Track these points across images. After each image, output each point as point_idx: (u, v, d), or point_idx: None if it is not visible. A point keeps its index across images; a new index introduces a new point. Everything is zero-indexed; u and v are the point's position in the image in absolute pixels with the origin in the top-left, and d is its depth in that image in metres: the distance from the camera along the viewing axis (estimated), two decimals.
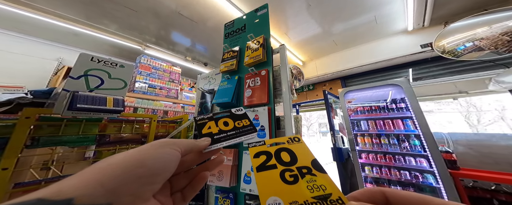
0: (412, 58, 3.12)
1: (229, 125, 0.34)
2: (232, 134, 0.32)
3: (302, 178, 0.25)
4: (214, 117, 0.35)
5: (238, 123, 0.35)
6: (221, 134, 0.32)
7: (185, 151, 0.25)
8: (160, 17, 2.56)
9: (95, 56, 0.78)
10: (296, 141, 0.32)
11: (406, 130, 1.99)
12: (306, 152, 0.30)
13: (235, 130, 0.33)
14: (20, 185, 0.67)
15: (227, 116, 0.36)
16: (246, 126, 0.35)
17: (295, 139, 0.33)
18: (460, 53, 1.86)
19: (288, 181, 0.25)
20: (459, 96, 2.83)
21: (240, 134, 0.33)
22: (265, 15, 1.12)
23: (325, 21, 2.79)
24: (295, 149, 0.31)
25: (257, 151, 0.31)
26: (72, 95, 0.64)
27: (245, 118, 0.36)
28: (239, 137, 0.32)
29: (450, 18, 2.54)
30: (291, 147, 0.31)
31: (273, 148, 0.31)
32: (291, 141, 0.32)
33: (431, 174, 1.79)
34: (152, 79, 2.92)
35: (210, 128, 0.32)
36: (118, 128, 0.99)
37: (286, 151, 0.30)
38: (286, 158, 0.29)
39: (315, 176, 0.25)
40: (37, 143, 0.70)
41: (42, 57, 2.86)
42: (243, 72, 1.07)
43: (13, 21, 2.42)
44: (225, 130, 0.33)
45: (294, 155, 0.29)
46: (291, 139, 0.33)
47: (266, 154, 0.30)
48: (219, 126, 0.33)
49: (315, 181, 0.24)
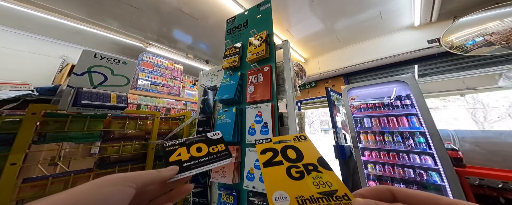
0: (418, 54, 3.04)
1: (202, 150, 0.32)
2: (204, 161, 0.31)
3: (308, 174, 0.25)
4: (187, 142, 0.33)
5: (212, 148, 0.33)
6: (192, 161, 0.30)
7: (144, 184, 0.23)
8: (161, 14, 2.55)
9: (98, 53, 0.78)
10: (302, 139, 0.33)
11: (411, 127, 1.96)
12: (312, 150, 0.30)
13: (208, 156, 0.32)
14: (28, 180, 0.68)
15: (201, 140, 0.34)
16: (221, 151, 0.33)
17: (301, 137, 0.33)
18: (470, 48, 1.80)
19: (294, 177, 0.25)
20: (466, 92, 2.76)
21: (213, 160, 0.32)
22: (268, 10, 1.10)
23: (328, 18, 2.73)
24: (301, 146, 0.31)
25: (263, 147, 0.31)
26: (76, 91, 0.65)
27: (220, 143, 0.35)
28: (212, 163, 0.31)
29: (460, 13, 2.45)
30: (297, 144, 0.31)
31: (279, 145, 0.31)
32: (297, 139, 0.33)
33: (436, 172, 1.77)
34: (154, 77, 2.93)
35: (180, 155, 0.31)
36: (122, 124, 1.00)
37: (292, 148, 0.30)
38: (292, 155, 0.29)
39: (321, 173, 0.25)
40: (44, 139, 0.71)
41: (47, 55, 2.89)
42: (245, 68, 1.06)
43: (19, 20, 2.45)
44: (197, 156, 0.31)
45: (300, 152, 0.30)
46: (297, 137, 0.33)
47: (273, 150, 0.30)
48: (190, 152, 0.31)
49: (321, 178, 0.25)
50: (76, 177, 0.79)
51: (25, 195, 0.66)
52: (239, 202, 0.83)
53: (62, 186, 0.74)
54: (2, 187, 0.59)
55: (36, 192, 0.68)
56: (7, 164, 0.60)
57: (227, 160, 0.33)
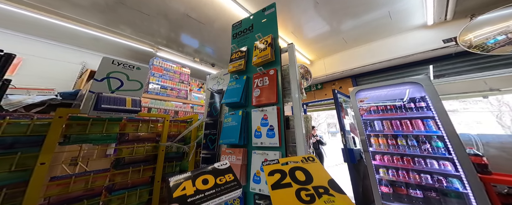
0: (432, 54, 2.89)
1: (209, 182, 0.31)
2: (211, 194, 0.29)
3: (319, 197, 0.24)
4: (192, 175, 0.31)
5: (220, 179, 0.31)
6: (197, 195, 0.28)
7: None
8: (170, 20, 2.68)
9: (116, 60, 0.84)
10: (311, 160, 0.32)
11: (427, 131, 1.85)
12: (322, 172, 0.29)
13: (215, 188, 0.30)
14: (55, 178, 0.74)
15: (208, 171, 0.33)
16: (229, 181, 0.31)
17: (309, 158, 0.32)
18: (491, 47, 1.68)
19: (304, 201, 0.24)
20: (489, 94, 2.56)
21: (221, 192, 0.29)
22: (273, 14, 1.12)
23: (334, 19, 2.70)
24: (310, 168, 0.30)
25: (271, 169, 0.30)
26: (97, 96, 0.70)
27: (228, 173, 0.33)
28: (219, 196, 0.29)
29: (477, 11, 2.30)
30: (306, 166, 0.31)
31: (288, 167, 0.30)
32: (305, 160, 0.32)
33: (457, 179, 1.65)
34: (163, 81, 3.06)
35: (185, 189, 0.29)
36: (136, 127, 1.05)
37: (301, 170, 0.30)
38: (301, 177, 0.28)
39: (333, 197, 0.25)
40: (68, 140, 0.77)
41: (69, 61, 3.14)
42: (251, 72, 1.08)
43: (45, 29, 2.71)
44: (203, 189, 0.29)
45: (309, 174, 0.29)
46: (305, 158, 0.32)
47: (281, 172, 0.29)
48: (196, 185, 0.29)
49: (334, 202, 0.24)
50: (96, 176, 0.85)
51: (52, 193, 0.72)
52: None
53: (83, 184, 0.80)
54: (33, 185, 0.64)
55: (61, 190, 0.74)
56: (37, 163, 0.66)
57: (237, 191, 0.30)
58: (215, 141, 1.11)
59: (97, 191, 0.86)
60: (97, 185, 0.85)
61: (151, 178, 1.08)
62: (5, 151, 0.64)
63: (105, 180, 0.88)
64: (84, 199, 0.80)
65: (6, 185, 0.63)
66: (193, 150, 1.28)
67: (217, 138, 1.10)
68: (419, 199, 1.80)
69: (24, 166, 0.66)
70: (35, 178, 0.65)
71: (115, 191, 0.90)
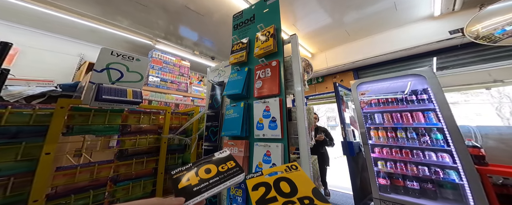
0: (437, 46, 2.82)
1: (211, 171, 0.31)
2: (215, 181, 0.29)
3: None
4: (194, 167, 0.32)
5: (222, 167, 0.32)
6: (202, 183, 0.29)
7: None
8: (168, 11, 2.59)
9: (115, 51, 0.82)
10: (294, 169, 0.31)
11: (427, 123, 1.86)
12: (306, 181, 0.29)
13: (218, 176, 0.30)
14: (61, 169, 0.76)
15: (209, 161, 0.33)
16: (231, 168, 0.32)
17: (292, 166, 0.32)
18: (498, 38, 1.64)
19: None
20: (493, 85, 2.54)
21: (225, 178, 0.30)
22: (275, 3, 1.07)
23: (336, 10, 2.61)
24: (294, 178, 0.30)
25: (255, 182, 0.30)
26: (97, 87, 0.69)
27: (229, 160, 0.33)
28: (223, 182, 0.29)
29: (487, 0, 2.22)
30: (290, 175, 0.30)
31: (272, 178, 0.30)
32: (289, 169, 0.31)
33: (454, 170, 1.68)
34: (163, 73, 3.03)
35: (189, 180, 0.29)
36: (138, 118, 1.06)
37: (285, 180, 0.29)
38: (286, 189, 0.28)
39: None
40: (72, 131, 0.78)
41: (67, 53, 3.09)
42: (253, 63, 1.06)
43: (41, 20, 2.63)
44: (206, 178, 0.30)
45: (294, 184, 0.28)
46: (289, 167, 0.32)
47: (265, 185, 0.29)
48: (199, 175, 0.30)
49: None
50: (100, 167, 0.86)
51: (58, 182, 0.74)
52: (248, 196, 0.86)
53: (88, 175, 0.82)
54: (39, 174, 0.66)
55: (67, 180, 0.76)
56: (42, 153, 0.67)
57: (240, 176, 0.31)
58: (217, 133, 1.11)
59: (102, 182, 0.88)
60: (102, 175, 0.87)
61: (154, 169, 1.10)
62: (10, 140, 0.65)
63: (109, 171, 0.90)
64: (90, 189, 0.82)
65: (14, 175, 0.64)
66: (195, 142, 1.29)
67: (219, 130, 1.10)
68: (415, 190, 1.85)
69: (30, 156, 0.67)
70: (41, 167, 0.66)
71: (120, 181, 0.92)
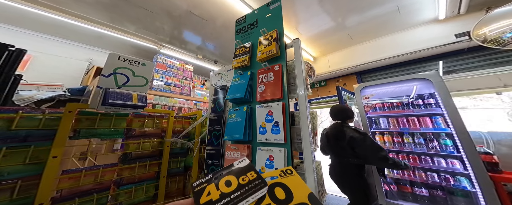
0: (443, 50, 2.78)
1: (232, 184, 0.28)
2: (237, 196, 0.27)
3: None
4: (214, 178, 0.29)
5: (243, 178, 0.29)
6: (223, 199, 0.26)
7: None
8: (173, 17, 2.67)
9: (122, 56, 0.85)
10: (289, 173, 0.30)
11: (436, 129, 1.80)
12: (301, 186, 0.28)
13: (240, 189, 0.28)
14: (67, 172, 0.77)
15: (229, 171, 0.30)
16: (252, 180, 0.29)
17: (287, 171, 0.31)
18: (507, 41, 1.60)
19: None
20: (503, 90, 2.46)
21: (247, 193, 0.27)
22: (278, 8, 1.09)
23: (339, 14, 2.62)
24: (289, 183, 0.28)
25: None
26: (104, 91, 0.71)
27: (250, 171, 0.30)
28: (245, 198, 0.26)
29: (493, 3, 2.19)
30: (285, 181, 0.29)
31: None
32: (284, 174, 0.30)
33: (465, 177, 1.61)
34: (167, 77, 3.08)
35: (210, 194, 0.27)
36: (142, 122, 1.07)
37: (280, 186, 0.28)
38: (281, 195, 0.27)
39: None
40: (78, 135, 0.79)
41: (76, 58, 3.21)
42: (255, 67, 1.06)
43: (52, 26, 2.75)
44: (227, 192, 0.27)
45: (289, 190, 0.27)
46: (283, 172, 0.31)
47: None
48: (220, 189, 0.28)
49: None
50: (105, 170, 0.87)
51: (64, 186, 0.75)
52: None
53: (93, 178, 0.82)
54: (46, 177, 0.67)
55: (72, 183, 0.77)
56: (49, 157, 0.68)
57: (263, 190, 0.28)
58: (220, 137, 1.11)
59: (106, 185, 0.88)
60: (106, 179, 0.87)
61: (157, 173, 1.10)
62: (19, 144, 0.66)
63: (113, 175, 0.91)
64: (94, 192, 0.83)
65: (22, 178, 0.65)
66: (197, 146, 1.29)
67: (222, 134, 1.10)
68: (424, 197, 1.78)
69: (38, 159, 0.68)
70: (48, 170, 0.67)
71: (123, 185, 0.93)
